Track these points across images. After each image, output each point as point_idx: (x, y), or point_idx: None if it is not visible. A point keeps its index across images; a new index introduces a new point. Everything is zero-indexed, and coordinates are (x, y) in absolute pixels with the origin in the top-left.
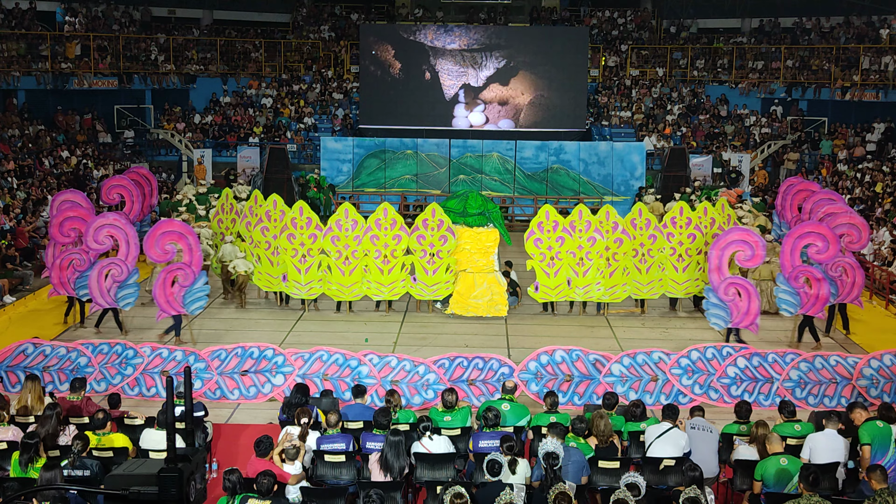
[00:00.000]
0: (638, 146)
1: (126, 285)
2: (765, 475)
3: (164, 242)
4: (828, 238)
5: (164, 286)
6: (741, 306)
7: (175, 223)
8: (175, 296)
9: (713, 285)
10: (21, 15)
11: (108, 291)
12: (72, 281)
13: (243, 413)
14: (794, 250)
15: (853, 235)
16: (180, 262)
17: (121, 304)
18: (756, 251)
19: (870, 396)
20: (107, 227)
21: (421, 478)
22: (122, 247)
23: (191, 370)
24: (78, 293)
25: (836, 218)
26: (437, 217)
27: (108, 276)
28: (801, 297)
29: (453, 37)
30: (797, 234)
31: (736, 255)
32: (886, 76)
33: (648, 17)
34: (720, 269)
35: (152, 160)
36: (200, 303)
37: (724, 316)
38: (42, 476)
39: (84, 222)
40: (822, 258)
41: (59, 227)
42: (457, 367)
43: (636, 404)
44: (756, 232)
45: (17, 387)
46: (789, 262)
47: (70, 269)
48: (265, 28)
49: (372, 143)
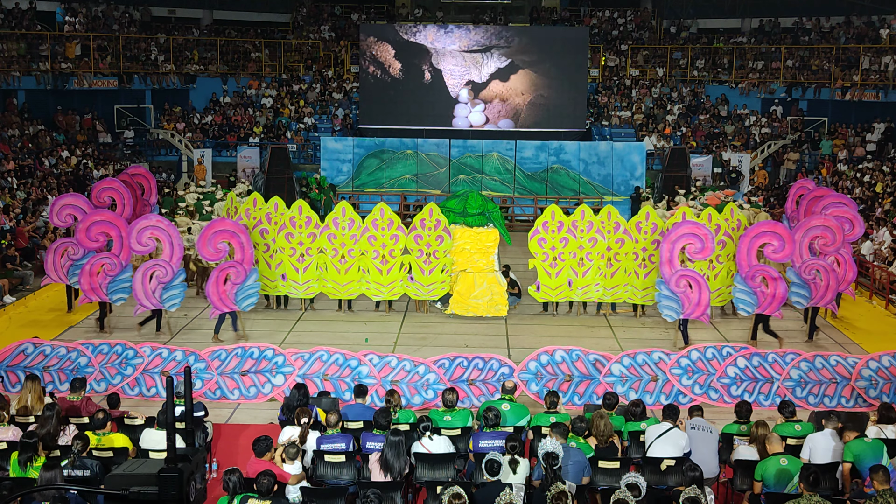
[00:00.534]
0: (638, 146)
1: (171, 286)
2: (765, 475)
3: (217, 241)
4: (784, 237)
5: (217, 284)
6: (692, 298)
7: (227, 222)
8: (227, 293)
9: (665, 277)
10: (21, 15)
11: (153, 293)
12: (104, 286)
13: (243, 413)
14: (750, 249)
15: (827, 238)
16: (232, 261)
17: (166, 304)
18: (706, 244)
19: (869, 397)
20: (150, 229)
21: (421, 478)
22: (166, 248)
23: (191, 370)
24: (111, 297)
25: (811, 220)
26: (435, 217)
27: (152, 278)
28: (757, 296)
29: (453, 37)
30: (753, 233)
31: (687, 247)
32: (886, 76)
33: (648, 17)
34: (671, 262)
35: (152, 160)
36: (252, 299)
37: (675, 307)
38: (42, 476)
39: (113, 226)
40: (778, 257)
41: (87, 231)
42: (457, 367)
43: (636, 403)
44: (706, 225)
45: (17, 387)
46: (746, 262)
47: (101, 274)
48: (265, 28)
49: (372, 143)
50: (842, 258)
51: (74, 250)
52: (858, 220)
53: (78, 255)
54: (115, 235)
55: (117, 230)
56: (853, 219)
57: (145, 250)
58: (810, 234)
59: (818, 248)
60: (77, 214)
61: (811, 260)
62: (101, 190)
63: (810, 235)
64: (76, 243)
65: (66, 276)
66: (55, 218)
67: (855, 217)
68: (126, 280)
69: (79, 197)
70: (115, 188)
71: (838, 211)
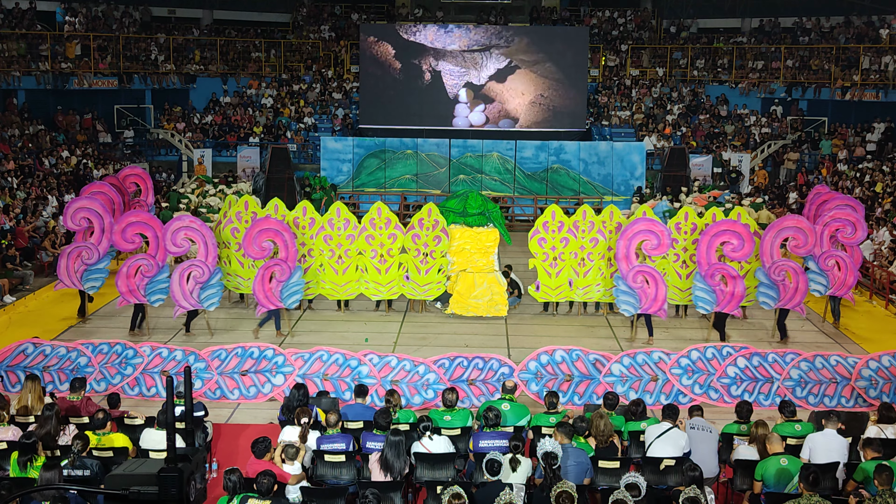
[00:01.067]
0: (638, 146)
1: (209, 286)
2: (765, 475)
3: (262, 240)
4: (743, 236)
5: (263, 282)
6: (649, 293)
7: (271, 220)
8: (273, 290)
9: (622, 273)
10: (21, 15)
11: (190, 293)
12: (141, 287)
13: (243, 413)
14: (709, 248)
15: (799, 240)
16: (278, 258)
17: (205, 304)
18: (662, 240)
19: (869, 397)
20: (184, 230)
21: (421, 478)
22: (202, 248)
23: (191, 370)
24: (149, 299)
25: (783, 221)
26: (433, 217)
27: (189, 279)
28: (716, 294)
29: (453, 37)
30: (712, 231)
31: (643, 244)
32: (886, 76)
33: (648, 17)
34: (628, 258)
35: (152, 160)
36: (297, 296)
37: (633, 302)
38: (42, 476)
39: (149, 227)
40: (738, 255)
41: (122, 233)
42: (457, 367)
43: (637, 403)
44: (661, 222)
45: (17, 387)
46: (705, 260)
47: (138, 275)
48: (265, 28)
49: (372, 143)
50: (843, 262)
51: (88, 255)
52: (861, 224)
53: (92, 260)
54: (151, 236)
55: (153, 231)
56: (856, 222)
57: (180, 251)
58: (782, 234)
59: (789, 249)
60: (91, 217)
61: (781, 261)
62: (75, 210)
63: (782, 236)
64: (91, 247)
65: (79, 281)
66: (69, 221)
67: (858, 220)
68: (163, 281)
69: (94, 200)
70: (104, 192)
71: (841, 213)
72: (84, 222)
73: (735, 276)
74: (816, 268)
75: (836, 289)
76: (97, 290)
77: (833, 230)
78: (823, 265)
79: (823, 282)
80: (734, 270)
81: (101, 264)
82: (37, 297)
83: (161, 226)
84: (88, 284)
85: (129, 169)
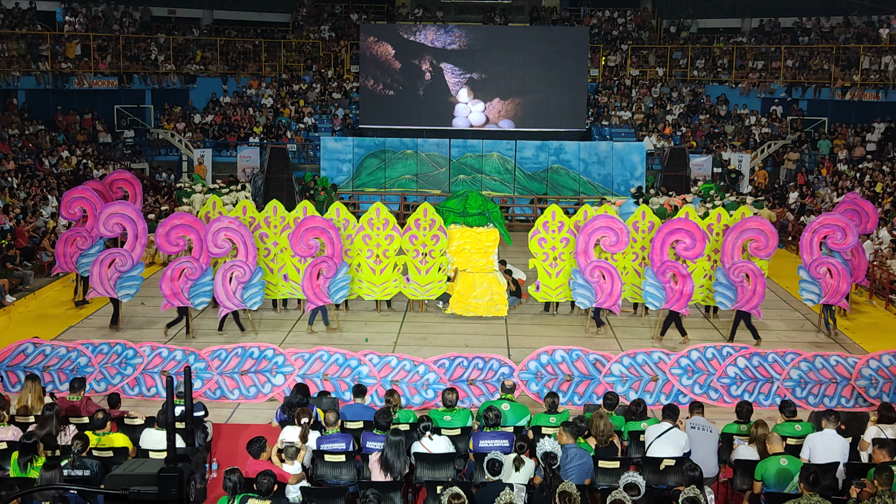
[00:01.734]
0: (638, 146)
1: (251, 285)
2: (765, 475)
3: (309, 238)
4: (695, 235)
5: (311, 279)
6: (605, 287)
7: (317, 219)
8: (321, 287)
9: (580, 268)
10: (21, 15)
11: (233, 293)
12: (185, 291)
13: (243, 413)
14: (663, 246)
15: (760, 241)
16: (323, 255)
17: (248, 303)
18: (620, 237)
19: (869, 396)
20: (224, 231)
21: (421, 478)
22: (241, 248)
23: (191, 370)
24: (193, 302)
25: (745, 222)
26: (430, 216)
27: (232, 279)
28: (666, 291)
29: (453, 37)
30: (666, 230)
31: (602, 240)
32: (886, 76)
33: (648, 17)
34: (587, 253)
35: (152, 160)
36: (344, 292)
37: (588, 296)
38: (42, 476)
39: (193, 230)
40: (690, 254)
41: (167, 236)
42: (457, 367)
43: (637, 403)
44: (620, 220)
45: (17, 387)
46: (658, 258)
47: (182, 278)
48: (265, 28)
49: (372, 143)
50: (835, 269)
51: (122, 261)
52: (851, 229)
53: (126, 267)
54: (195, 238)
55: (197, 234)
56: (845, 227)
57: (222, 252)
58: (743, 236)
59: (750, 251)
60: (125, 223)
61: (741, 262)
62: (71, 200)
63: (743, 238)
64: (125, 254)
65: (113, 289)
66: (102, 228)
67: (847, 226)
68: (207, 284)
69: (127, 205)
70: (86, 197)
71: (829, 219)
72: (118, 228)
73: (685, 275)
74: (808, 276)
75: (829, 296)
76: (131, 297)
77: (822, 236)
78: (815, 273)
79: (816, 290)
80: (685, 269)
81: (135, 271)
82: (37, 297)
83: (204, 228)
84: (122, 293)
85: (117, 173)
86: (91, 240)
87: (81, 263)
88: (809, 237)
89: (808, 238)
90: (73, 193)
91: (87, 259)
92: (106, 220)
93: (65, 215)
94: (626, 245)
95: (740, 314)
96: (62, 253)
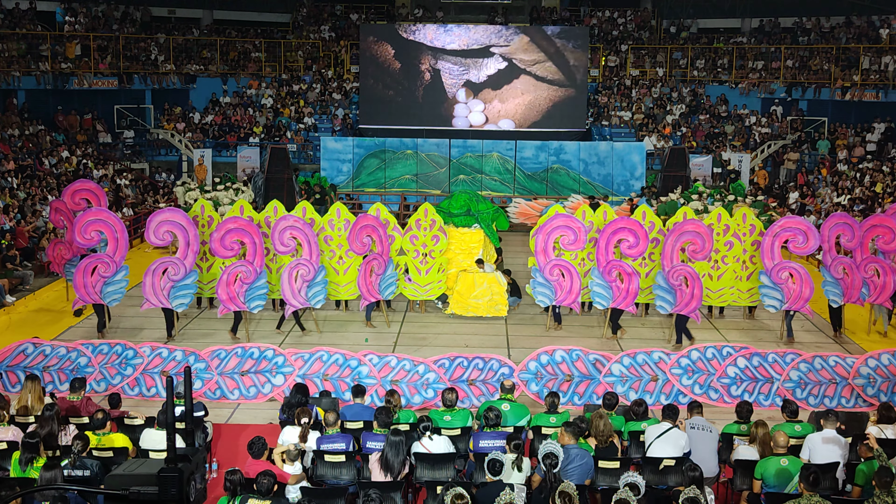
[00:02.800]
0: (638, 146)
1: (315, 283)
2: (765, 474)
3: (363, 236)
4: (638, 234)
5: (365, 276)
6: (564, 285)
7: (369, 217)
8: (374, 284)
9: (539, 266)
10: (21, 15)
11: (298, 292)
12: (241, 294)
13: (243, 413)
14: (608, 245)
15: (696, 244)
16: (376, 253)
17: (312, 301)
18: (578, 236)
19: (867, 395)
20: (289, 230)
21: (421, 478)
22: (305, 246)
23: (191, 370)
24: (248, 305)
25: (683, 224)
26: (430, 217)
27: (297, 277)
28: (612, 290)
29: (453, 37)
30: (611, 229)
31: (561, 238)
32: (886, 76)
33: (648, 17)
34: (546, 252)
35: (152, 160)
36: (392, 288)
37: (548, 294)
38: (42, 476)
39: (247, 234)
40: (633, 253)
41: (222, 241)
42: (457, 367)
43: (638, 403)
44: (578, 218)
45: (17, 387)
46: (604, 257)
47: (237, 282)
48: (265, 28)
49: (372, 143)
50: (797, 273)
51: (175, 270)
52: (813, 232)
53: (178, 276)
54: (249, 242)
55: (251, 237)
56: (807, 230)
57: (287, 250)
58: (682, 239)
59: (687, 253)
60: (175, 231)
61: (679, 265)
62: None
63: (681, 241)
64: (177, 262)
65: (166, 298)
66: (152, 236)
67: (809, 229)
68: (262, 287)
69: (176, 211)
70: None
71: (791, 222)
72: (168, 236)
73: (630, 273)
74: (769, 281)
75: (791, 302)
76: (185, 307)
77: (784, 240)
78: (776, 278)
79: (778, 296)
80: (630, 267)
81: (188, 280)
82: (37, 297)
83: (257, 231)
84: (176, 302)
85: (78, 183)
86: (185, 270)
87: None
88: (770, 241)
89: (769, 242)
90: (160, 217)
91: (112, 287)
92: (156, 228)
93: (81, 241)
94: (584, 244)
95: (679, 317)
96: (82, 284)
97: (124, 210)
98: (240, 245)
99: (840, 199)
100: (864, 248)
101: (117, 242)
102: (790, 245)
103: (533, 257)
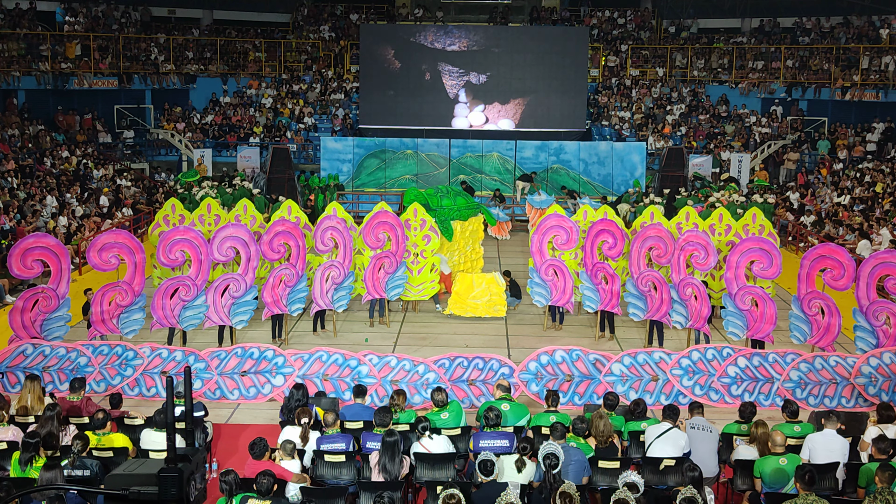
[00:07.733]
0: (638, 146)
1: (342, 287)
2: (763, 473)
3: (379, 231)
4: (616, 235)
5: (374, 272)
6: (559, 286)
7: (388, 214)
8: (381, 281)
9: (536, 266)
10: (21, 15)
11: (326, 293)
12: (284, 298)
13: (243, 413)
14: (592, 247)
15: (660, 249)
16: (389, 251)
17: (335, 305)
18: (570, 236)
19: (868, 394)
20: (330, 230)
21: (421, 478)
22: (341, 249)
23: (191, 370)
24: (289, 308)
25: (647, 230)
26: (420, 217)
27: (328, 280)
28: (600, 293)
29: (453, 37)
30: (594, 231)
31: (554, 238)
32: (886, 76)
33: (648, 17)
34: (541, 252)
35: (152, 160)
36: (399, 290)
37: (544, 294)
38: (42, 476)
39: (292, 237)
40: (612, 254)
41: (270, 244)
42: (457, 367)
43: (638, 403)
44: (571, 219)
45: (17, 387)
46: (590, 260)
47: (281, 285)
48: (265, 28)
49: (372, 143)
50: (698, 290)
51: (237, 287)
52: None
53: (240, 293)
54: (294, 245)
55: (295, 240)
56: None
57: (326, 249)
58: (646, 244)
59: (652, 258)
60: (238, 246)
61: (647, 271)
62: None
63: (646, 246)
64: (238, 278)
65: (227, 316)
66: (216, 252)
67: (707, 244)
68: (302, 290)
69: (239, 227)
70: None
71: (755, 243)
72: (231, 252)
73: (614, 275)
74: (677, 296)
75: (693, 320)
76: (246, 324)
77: (688, 254)
78: (682, 294)
79: (684, 312)
80: (611, 269)
81: (248, 296)
82: None
83: (302, 235)
84: (236, 319)
85: (34, 238)
86: (246, 286)
87: (185, 316)
88: (677, 255)
89: (675, 255)
90: (225, 232)
91: (191, 312)
92: (220, 243)
93: (165, 262)
94: (576, 244)
95: (653, 322)
96: (160, 306)
97: (124, 210)
98: (285, 248)
99: (840, 199)
100: (810, 282)
101: (200, 264)
102: (754, 267)
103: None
